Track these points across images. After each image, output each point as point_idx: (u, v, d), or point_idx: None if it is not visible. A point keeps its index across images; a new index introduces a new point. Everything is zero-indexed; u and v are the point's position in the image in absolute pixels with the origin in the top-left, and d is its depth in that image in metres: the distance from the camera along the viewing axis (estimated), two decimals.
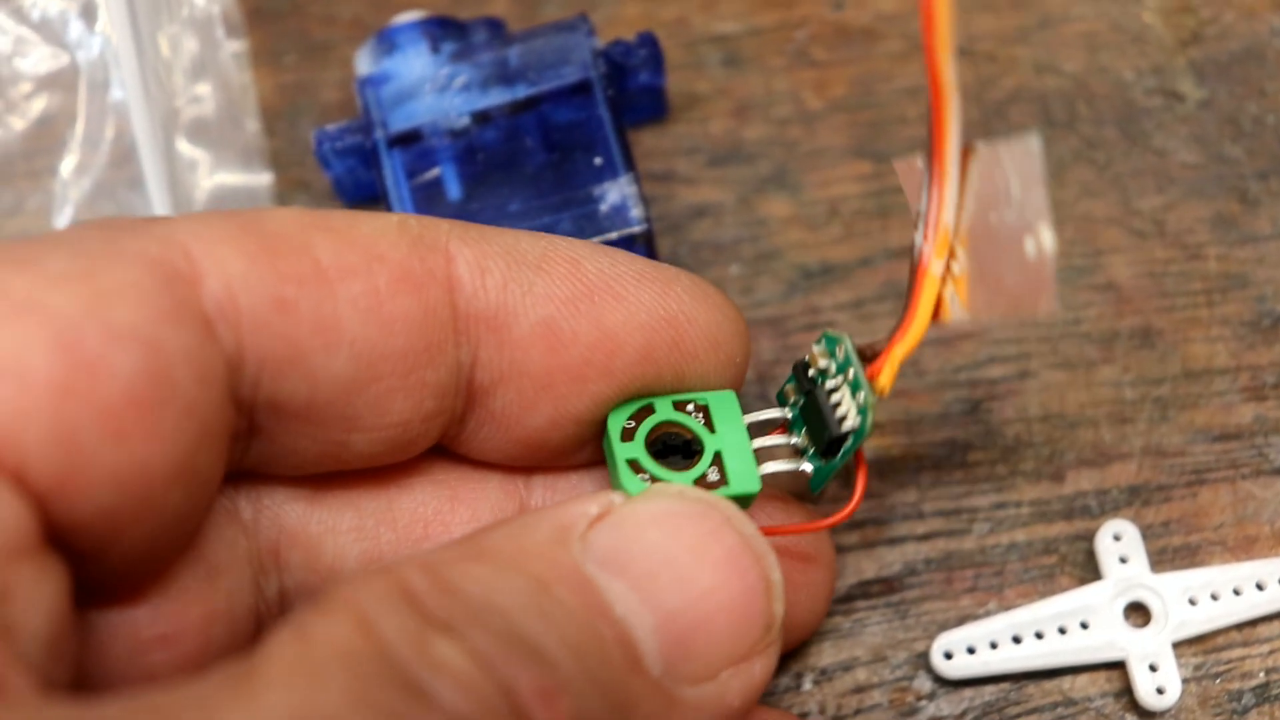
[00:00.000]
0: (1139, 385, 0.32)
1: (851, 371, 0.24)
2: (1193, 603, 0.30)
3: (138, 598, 0.21)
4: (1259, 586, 0.30)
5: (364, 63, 0.33)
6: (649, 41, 0.32)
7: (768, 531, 0.23)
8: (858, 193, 0.34)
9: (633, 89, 0.33)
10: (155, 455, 0.19)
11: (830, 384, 0.24)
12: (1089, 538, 0.31)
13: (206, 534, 0.22)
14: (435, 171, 0.32)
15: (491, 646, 0.18)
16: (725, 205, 0.34)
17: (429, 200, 0.31)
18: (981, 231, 0.23)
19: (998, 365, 0.32)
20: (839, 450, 0.25)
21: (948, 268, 0.23)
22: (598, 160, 0.31)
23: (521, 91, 0.32)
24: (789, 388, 0.25)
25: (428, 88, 0.32)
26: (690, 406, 0.25)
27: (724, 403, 0.25)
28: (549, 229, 0.31)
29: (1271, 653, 0.30)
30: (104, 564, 0.20)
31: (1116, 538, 0.30)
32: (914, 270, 0.23)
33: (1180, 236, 0.33)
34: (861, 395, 0.24)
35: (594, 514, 0.21)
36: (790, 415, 0.25)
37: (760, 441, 0.25)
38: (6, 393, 0.18)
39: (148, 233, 0.20)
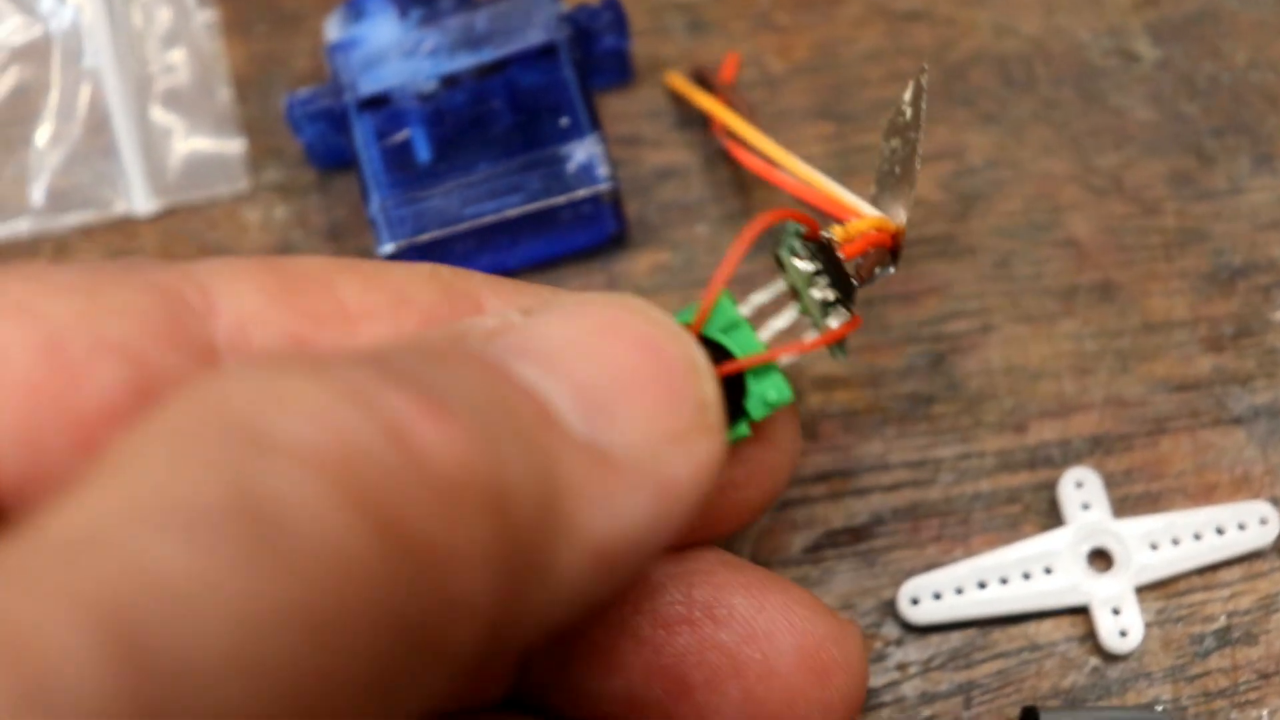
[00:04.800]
0: (1100, 338, 0.33)
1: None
2: (1154, 547, 0.30)
3: None
4: (1219, 531, 0.30)
5: (333, 29, 0.33)
6: (612, 5, 0.33)
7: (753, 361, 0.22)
8: (821, 153, 0.34)
9: (598, 53, 0.33)
10: None
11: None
12: (1052, 486, 0.31)
13: None
14: (405, 134, 0.32)
15: (358, 377, 0.16)
16: (691, 167, 0.34)
17: (399, 162, 0.32)
18: None
19: (960, 319, 0.33)
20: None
21: None
22: (564, 121, 0.32)
23: (488, 55, 0.32)
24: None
25: (396, 52, 0.33)
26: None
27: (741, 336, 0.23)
28: (517, 189, 0.31)
29: (1232, 596, 0.30)
30: None
31: (1079, 485, 0.31)
32: None
33: (1138, 193, 0.34)
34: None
35: (490, 326, 0.20)
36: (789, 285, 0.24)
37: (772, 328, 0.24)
38: None
39: (166, 268, 0.20)
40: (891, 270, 0.24)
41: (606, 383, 0.19)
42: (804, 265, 0.24)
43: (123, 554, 0.13)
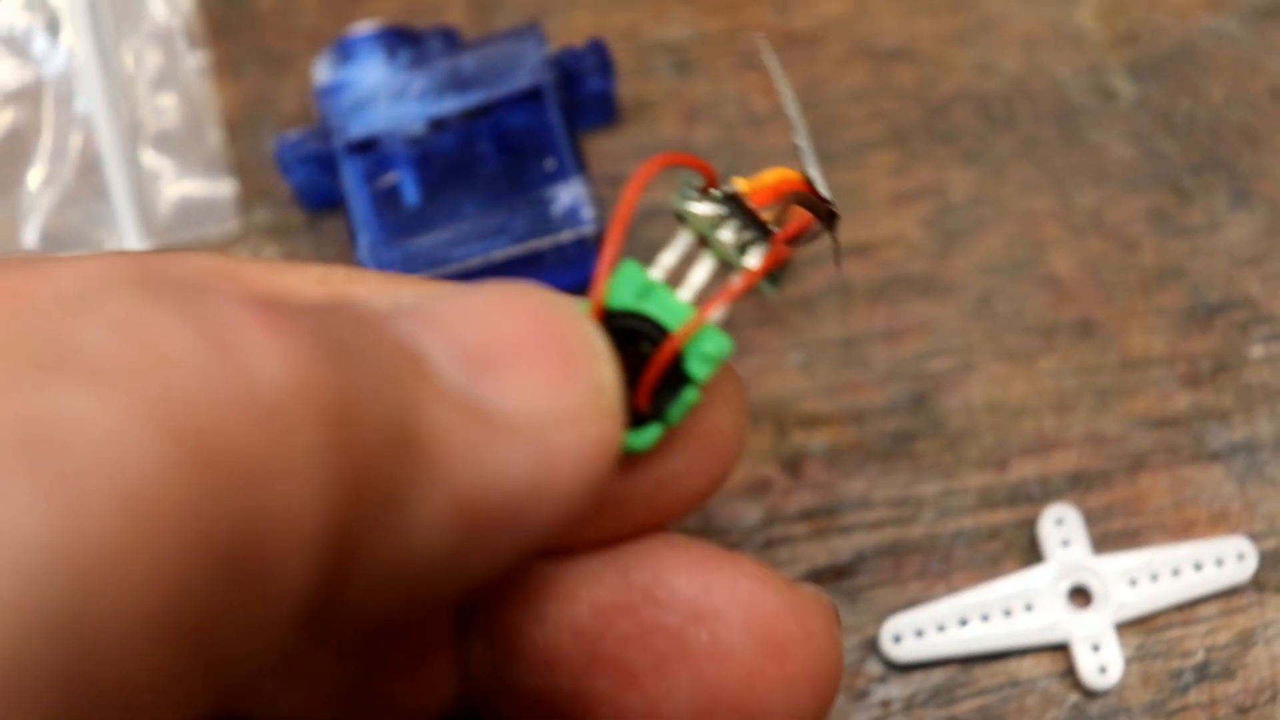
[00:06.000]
0: (1079, 375, 0.33)
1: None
2: (1133, 584, 0.31)
3: None
4: (1197, 567, 0.31)
5: (322, 72, 0.34)
6: (598, 48, 0.33)
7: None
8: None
9: (584, 94, 0.34)
10: None
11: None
12: (1032, 523, 0.31)
13: None
14: (393, 177, 0.33)
15: (189, 290, 0.14)
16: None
17: (388, 205, 0.32)
18: None
19: (942, 357, 0.33)
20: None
21: None
22: (550, 164, 0.32)
23: (475, 98, 0.33)
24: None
25: (384, 96, 0.33)
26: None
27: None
28: (503, 231, 0.32)
29: (1210, 632, 0.31)
30: None
31: (1059, 522, 0.31)
32: None
33: (1117, 230, 0.34)
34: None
35: (377, 304, 0.18)
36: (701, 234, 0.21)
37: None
38: None
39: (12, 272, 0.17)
40: (834, 226, 0.21)
41: (492, 347, 0.17)
42: (704, 208, 0.22)
43: None
